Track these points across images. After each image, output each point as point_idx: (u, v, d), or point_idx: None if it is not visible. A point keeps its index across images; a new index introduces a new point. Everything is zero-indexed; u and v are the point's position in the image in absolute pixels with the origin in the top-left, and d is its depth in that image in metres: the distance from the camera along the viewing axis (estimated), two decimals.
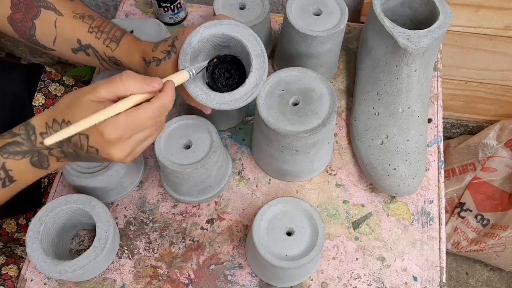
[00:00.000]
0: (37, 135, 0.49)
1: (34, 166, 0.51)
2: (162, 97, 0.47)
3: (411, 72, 0.67)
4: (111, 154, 0.47)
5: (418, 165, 0.67)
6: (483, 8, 0.98)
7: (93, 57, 0.64)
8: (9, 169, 0.50)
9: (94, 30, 0.63)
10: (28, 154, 0.50)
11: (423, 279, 0.65)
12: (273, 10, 1.08)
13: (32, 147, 0.50)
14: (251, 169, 0.73)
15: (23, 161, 0.50)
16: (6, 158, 0.50)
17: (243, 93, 0.55)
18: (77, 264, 0.58)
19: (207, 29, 0.55)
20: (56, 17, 0.62)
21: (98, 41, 0.63)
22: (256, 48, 0.55)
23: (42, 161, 0.51)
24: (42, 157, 0.50)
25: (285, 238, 0.57)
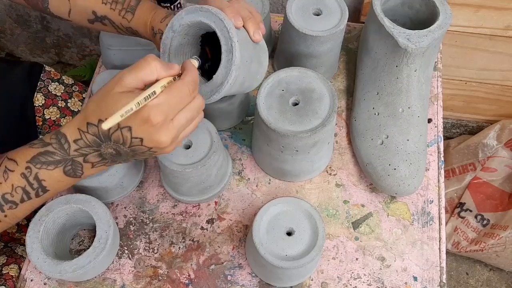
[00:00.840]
0: (71, 143, 0.48)
1: (67, 175, 0.50)
2: (189, 73, 0.47)
3: (411, 72, 0.67)
4: (158, 139, 0.45)
5: (418, 165, 0.67)
6: (483, 8, 0.98)
7: (110, 26, 0.65)
8: (42, 179, 0.50)
9: (108, 0, 0.62)
10: (61, 164, 0.49)
11: (423, 279, 0.65)
12: (273, 10, 1.09)
13: (65, 156, 0.49)
14: (251, 169, 0.73)
15: (56, 171, 0.49)
16: (39, 168, 0.49)
17: (209, 90, 0.54)
18: (77, 264, 0.58)
19: (188, 14, 0.53)
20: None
21: (113, 12, 0.63)
22: (226, 43, 0.51)
23: (75, 169, 0.50)
24: (76, 166, 0.50)
25: (285, 238, 0.57)
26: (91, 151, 0.48)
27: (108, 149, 0.48)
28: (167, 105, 0.45)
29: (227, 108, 0.71)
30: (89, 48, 1.52)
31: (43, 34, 1.48)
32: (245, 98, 0.74)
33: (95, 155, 0.49)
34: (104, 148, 0.48)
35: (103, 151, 0.48)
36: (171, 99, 0.45)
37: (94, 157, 0.49)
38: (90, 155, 0.49)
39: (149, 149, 0.47)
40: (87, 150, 0.48)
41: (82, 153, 0.49)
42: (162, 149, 0.48)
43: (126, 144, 0.46)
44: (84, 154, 0.49)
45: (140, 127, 0.45)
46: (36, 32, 1.48)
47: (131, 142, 0.46)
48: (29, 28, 1.46)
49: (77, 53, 1.55)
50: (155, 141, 0.46)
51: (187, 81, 0.47)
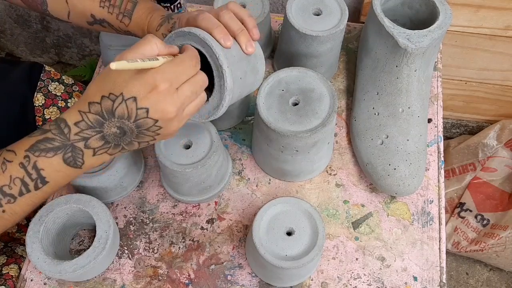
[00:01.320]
0: (71, 127, 0.47)
1: (67, 164, 0.48)
2: (191, 50, 0.48)
3: (411, 72, 0.67)
4: (164, 108, 0.45)
5: (418, 165, 0.67)
6: (483, 8, 0.98)
7: (110, 29, 0.65)
8: (41, 168, 0.48)
9: (105, 4, 0.62)
10: (60, 150, 0.47)
11: (423, 279, 0.65)
12: (273, 10, 1.09)
13: (65, 141, 0.47)
14: (251, 169, 0.73)
15: (55, 159, 0.48)
16: (38, 156, 0.47)
17: (205, 112, 0.54)
18: (77, 264, 0.58)
19: (177, 37, 0.53)
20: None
21: (111, 16, 0.63)
22: (217, 69, 0.51)
23: (76, 157, 0.48)
24: (76, 153, 0.48)
25: (285, 238, 0.57)
26: (93, 133, 0.47)
27: (111, 128, 0.46)
28: (172, 72, 0.45)
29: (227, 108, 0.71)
30: (89, 48, 1.52)
31: (43, 34, 1.48)
32: (245, 98, 0.74)
33: (97, 138, 0.47)
34: (107, 128, 0.46)
35: (106, 131, 0.47)
36: (175, 68, 0.45)
37: (96, 141, 0.47)
38: (92, 139, 0.47)
39: (154, 123, 0.46)
40: (89, 132, 0.47)
41: (83, 136, 0.47)
42: (168, 123, 0.46)
43: (131, 118, 0.45)
44: (86, 137, 0.47)
45: (146, 96, 0.44)
46: (36, 32, 1.48)
47: (137, 114, 0.45)
48: (29, 28, 1.46)
49: (77, 53, 1.55)
50: (161, 111, 0.45)
51: (190, 54, 0.47)
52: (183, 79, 0.46)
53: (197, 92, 0.48)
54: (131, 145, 0.49)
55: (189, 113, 0.49)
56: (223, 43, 0.51)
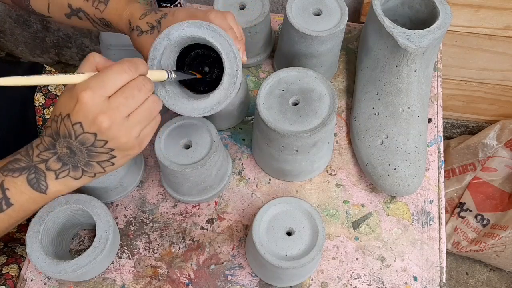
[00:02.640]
0: (34, 148, 0.48)
1: (31, 186, 0.49)
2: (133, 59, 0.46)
3: (411, 72, 0.67)
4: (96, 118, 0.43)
5: (418, 165, 0.67)
6: (483, 8, 0.98)
7: (86, 20, 0.64)
8: (7, 188, 0.49)
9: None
10: (25, 171, 0.48)
11: (423, 279, 0.65)
12: (273, 10, 1.09)
13: (29, 162, 0.48)
14: (251, 169, 0.73)
15: (20, 179, 0.48)
16: (5, 176, 0.49)
17: (203, 106, 0.54)
18: (77, 264, 0.58)
19: (191, 28, 0.53)
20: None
21: (87, 4, 0.62)
22: (232, 67, 0.53)
23: (39, 179, 0.49)
24: (39, 174, 0.48)
25: (285, 238, 0.57)
26: (49, 154, 0.48)
27: (62, 148, 0.47)
28: (94, 81, 0.43)
29: (227, 108, 0.71)
30: (89, 48, 1.52)
31: (43, 34, 1.48)
32: (245, 98, 0.74)
33: (55, 159, 0.48)
34: (59, 148, 0.47)
35: (59, 152, 0.47)
36: (99, 76, 0.43)
37: (55, 163, 0.48)
38: (51, 160, 0.48)
39: (95, 138, 0.45)
40: (46, 154, 0.48)
41: (43, 158, 0.48)
42: (109, 133, 0.44)
43: (72, 136, 0.45)
44: (45, 159, 0.48)
45: (75, 110, 0.43)
46: (36, 32, 1.48)
47: (74, 130, 0.44)
48: (29, 28, 1.46)
49: (77, 53, 1.55)
50: (92, 121, 0.43)
51: (121, 61, 0.45)
52: (110, 85, 0.44)
53: (135, 96, 0.45)
54: (91, 166, 0.48)
55: (138, 121, 0.46)
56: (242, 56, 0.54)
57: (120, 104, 0.44)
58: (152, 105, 0.47)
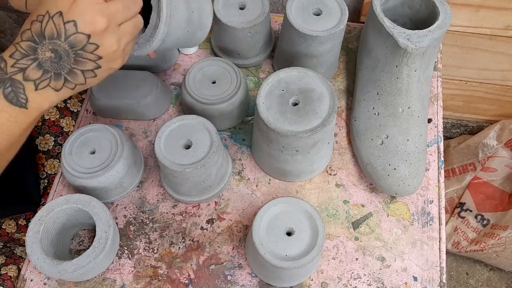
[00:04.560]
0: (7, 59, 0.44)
1: (9, 101, 0.44)
2: None
3: (411, 72, 0.67)
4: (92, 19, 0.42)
5: (418, 165, 0.67)
6: (483, 8, 0.98)
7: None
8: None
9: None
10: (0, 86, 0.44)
11: (423, 279, 0.65)
12: (273, 10, 1.09)
13: (3, 75, 0.44)
14: (251, 169, 0.73)
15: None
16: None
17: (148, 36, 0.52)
18: (77, 264, 0.58)
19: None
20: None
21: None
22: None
23: (17, 92, 0.44)
24: (16, 86, 0.44)
25: (285, 238, 0.57)
26: (28, 61, 0.44)
27: (45, 52, 0.43)
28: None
29: (227, 108, 0.71)
30: None
31: None
32: (245, 98, 0.74)
33: (34, 66, 0.44)
34: (41, 53, 0.43)
35: (41, 57, 0.44)
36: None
37: (34, 71, 0.44)
38: (29, 68, 0.44)
39: (88, 39, 0.43)
40: (24, 62, 0.44)
41: (19, 67, 0.44)
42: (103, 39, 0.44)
43: (61, 36, 0.42)
44: (22, 68, 0.44)
45: (70, 8, 0.42)
46: None
47: (65, 30, 0.42)
48: None
49: None
50: (90, 21, 0.42)
51: None
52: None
53: (130, 8, 0.46)
54: (74, 75, 0.46)
55: (127, 32, 0.46)
56: None
57: (117, 10, 0.44)
58: (138, 21, 0.48)
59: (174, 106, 0.79)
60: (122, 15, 0.45)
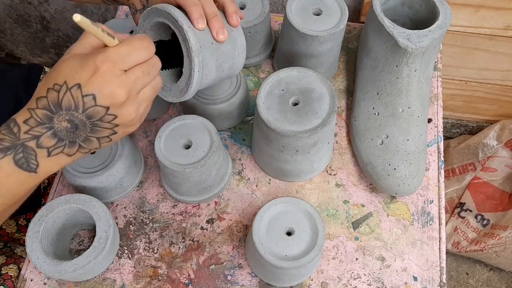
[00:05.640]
0: (21, 125, 0.43)
1: (19, 166, 0.44)
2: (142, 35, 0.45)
3: (411, 72, 0.67)
4: (112, 91, 0.41)
5: (418, 165, 0.67)
6: (483, 8, 0.98)
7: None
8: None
9: None
10: (10, 151, 0.43)
11: (423, 279, 0.65)
12: (273, 10, 1.09)
13: (15, 141, 0.43)
14: (251, 169, 0.73)
15: (5, 160, 0.43)
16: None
17: (183, 86, 0.53)
18: (77, 264, 0.58)
19: (144, 20, 0.53)
20: None
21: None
22: (180, 33, 0.50)
23: (28, 158, 0.44)
24: (28, 153, 0.43)
25: (285, 238, 0.57)
26: (43, 130, 0.43)
27: (61, 122, 0.42)
28: (116, 53, 0.42)
29: (227, 108, 0.71)
30: None
31: (43, 34, 1.48)
32: (245, 98, 0.74)
33: (49, 135, 0.43)
34: (57, 122, 0.43)
35: (56, 127, 0.43)
36: (120, 48, 0.42)
37: (48, 139, 0.43)
38: (44, 136, 0.43)
39: (106, 111, 0.42)
40: (39, 129, 0.43)
41: (33, 134, 0.43)
42: (122, 109, 0.43)
43: (79, 108, 0.42)
44: (37, 135, 0.43)
45: (89, 80, 0.41)
46: (36, 32, 1.48)
47: (84, 103, 0.41)
48: (29, 28, 1.46)
49: None
50: (109, 95, 0.41)
51: (139, 36, 0.44)
52: (130, 59, 0.43)
53: (150, 73, 0.45)
54: (89, 142, 0.45)
55: (146, 97, 0.46)
56: (195, 25, 0.50)
57: (137, 78, 0.43)
58: (158, 83, 0.47)
59: (174, 106, 0.79)
60: (142, 82, 0.44)
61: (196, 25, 0.50)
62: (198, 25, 0.50)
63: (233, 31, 0.56)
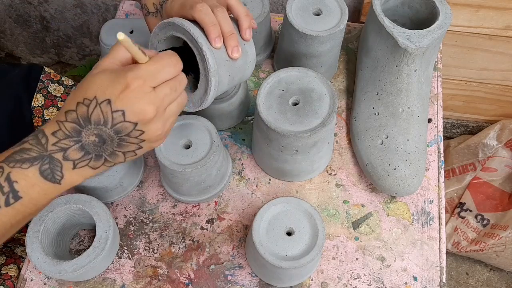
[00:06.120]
0: (49, 136, 0.44)
1: (44, 177, 0.44)
2: (170, 53, 0.46)
3: (411, 72, 0.67)
4: (141, 108, 0.42)
5: (418, 165, 0.67)
6: (483, 8, 0.98)
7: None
8: (14, 180, 0.44)
9: None
10: (37, 161, 0.44)
11: (423, 279, 0.65)
12: (273, 10, 1.09)
13: (42, 152, 0.44)
14: (251, 169, 0.73)
15: (30, 170, 0.44)
16: (12, 167, 0.43)
17: (197, 99, 0.55)
18: (77, 264, 0.58)
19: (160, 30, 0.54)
20: None
21: None
22: (199, 52, 0.52)
23: (54, 170, 0.44)
24: (54, 164, 0.44)
25: (285, 238, 0.57)
26: (71, 143, 0.44)
27: (90, 136, 0.43)
28: (146, 70, 0.43)
29: (227, 108, 0.71)
30: (89, 48, 1.52)
31: (43, 34, 1.48)
32: (245, 98, 0.74)
33: (76, 148, 0.44)
34: (85, 136, 0.43)
35: (84, 140, 0.44)
36: (150, 65, 0.44)
37: (76, 152, 0.44)
38: (71, 149, 0.44)
39: (134, 127, 0.43)
40: (67, 142, 0.44)
41: (61, 147, 0.44)
42: (149, 125, 0.44)
43: (108, 123, 0.42)
44: (64, 148, 0.44)
45: (119, 97, 0.42)
46: (36, 32, 1.48)
47: (113, 118, 0.42)
48: (29, 28, 1.47)
49: (77, 53, 1.55)
50: (138, 111, 0.42)
51: (168, 54, 0.46)
52: (160, 77, 0.44)
53: (177, 89, 0.46)
54: (115, 156, 0.46)
55: (173, 113, 0.47)
56: (213, 44, 0.51)
57: (165, 95, 0.44)
58: (184, 99, 0.49)
59: None
60: (169, 99, 0.45)
61: (213, 45, 0.51)
62: (216, 44, 0.51)
63: (245, 45, 0.57)
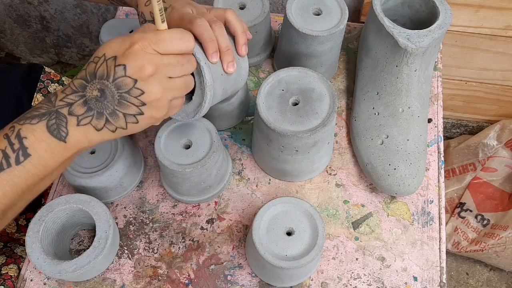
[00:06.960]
0: (58, 94, 0.47)
1: (50, 132, 0.46)
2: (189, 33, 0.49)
3: (411, 72, 0.67)
4: (141, 65, 0.45)
5: (418, 165, 0.67)
6: (483, 8, 0.98)
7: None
8: (24, 136, 0.46)
9: None
10: (45, 117, 0.46)
11: (423, 279, 0.65)
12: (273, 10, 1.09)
13: (50, 108, 0.46)
14: (251, 169, 0.73)
15: (39, 125, 0.46)
16: (22, 124, 0.46)
17: (191, 110, 0.56)
18: (77, 264, 0.58)
19: None
20: None
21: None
22: (199, 76, 0.53)
23: (59, 124, 0.46)
24: (60, 119, 0.46)
25: (285, 238, 0.57)
26: (76, 98, 0.46)
27: (93, 91, 0.46)
28: (153, 35, 0.46)
29: (227, 108, 0.71)
30: (89, 48, 1.52)
31: (43, 34, 1.48)
32: (245, 98, 0.74)
33: (81, 103, 0.46)
34: (89, 91, 0.46)
35: (88, 95, 0.46)
36: (159, 32, 0.47)
37: (79, 107, 0.46)
38: (76, 104, 0.46)
39: (134, 84, 0.45)
40: (73, 97, 0.46)
41: (67, 102, 0.46)
42: (148, 85, 0.46)
43: (110, 77, 0.45)
44: (70, 103, 0.46)
45: (124, 53, 0.45)
46: (36, 32, 1.48)
47: (115, 72, 0.45)
48: (29, 28, 1.47)
49: (77, 53, 1.55)
50: (138, 67, 0.45)
51: (182, 29, 0.48)
52: (167, 45, 0.46)
53: (184, 66, 0.48)
54: (116, 117, 0.47)
55: (176, 87, 0.48)
56: (210, 59, 0.54)
57: (170, 63, 0.47)
58: (190, 80, 0.51)
59: None
60: (174, 69, 0.47)
61: (210, 59, 0.54)
62: (213, 59, 0.54)
63: (240, 59, 0.59)
